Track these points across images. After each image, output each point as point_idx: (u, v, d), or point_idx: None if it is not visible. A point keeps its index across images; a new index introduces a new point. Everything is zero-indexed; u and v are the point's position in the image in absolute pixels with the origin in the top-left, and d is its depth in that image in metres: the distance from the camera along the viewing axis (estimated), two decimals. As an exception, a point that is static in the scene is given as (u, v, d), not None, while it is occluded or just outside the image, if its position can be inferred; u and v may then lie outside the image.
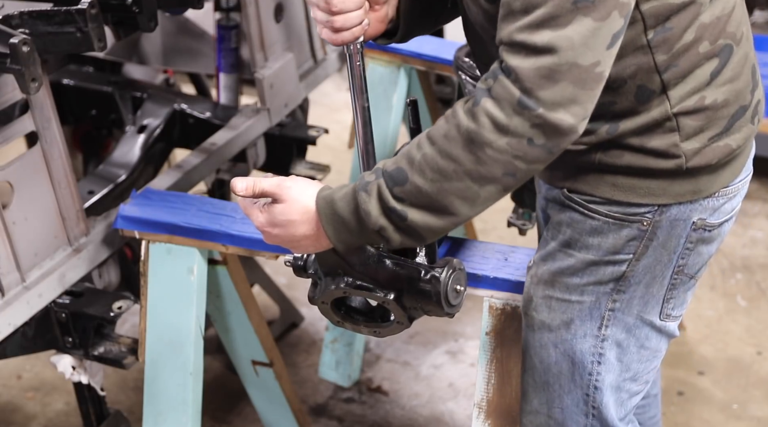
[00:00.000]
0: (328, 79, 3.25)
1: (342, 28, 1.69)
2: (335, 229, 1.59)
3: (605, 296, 1.73)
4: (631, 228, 1.67)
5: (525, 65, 1.43)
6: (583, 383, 1.79)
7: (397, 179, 1.53)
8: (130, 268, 2.59)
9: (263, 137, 2.77)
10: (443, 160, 1.50)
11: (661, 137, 1.61)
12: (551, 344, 1.79)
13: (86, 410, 2.41)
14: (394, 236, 1.56)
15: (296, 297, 3.43)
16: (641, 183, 1.65)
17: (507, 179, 1.50)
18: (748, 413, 3.03)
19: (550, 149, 1.47)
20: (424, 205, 1.53)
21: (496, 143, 1.46)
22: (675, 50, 1.57)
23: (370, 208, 1.55)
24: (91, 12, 1.93)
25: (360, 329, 1.78)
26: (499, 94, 1.45)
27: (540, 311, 1.78)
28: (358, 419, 3.03)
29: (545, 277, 1.76)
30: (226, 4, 2.73)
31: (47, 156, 2.13)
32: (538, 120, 1.44)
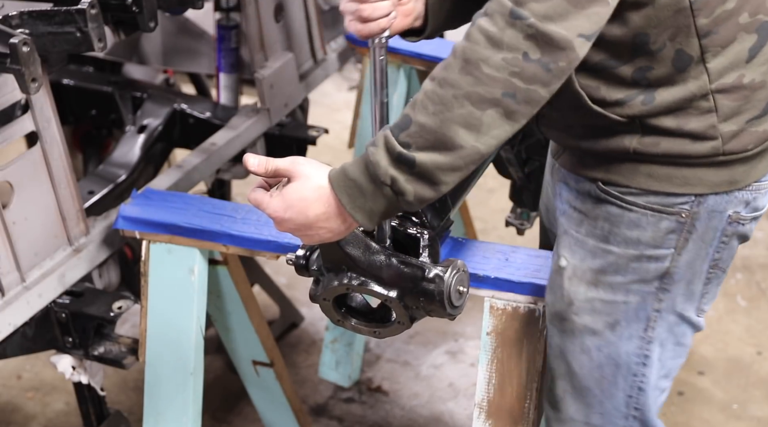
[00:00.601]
0: (328, 79, 3.25)
1: (369, 17, 1.68)
2: (349, 195, 1.55)
3: (651, 295, 1.72)
4: (670, 220, 1.66)
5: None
6: (626, 386, 1.77)
7: (402, 125, 1.51)
8: (130, 268, 2.59)
9: (263, 137, 2.77)
10: (442, 89, 1.48)
11: (699, 119, 1.61)
12: (594, 347, 1.76)
13: (86, 410, 2.41)
14: (406, 186, 1.51)
15: (296, 297, 3.43)
16: (677, 172, 1.64)
17: (507, 101, 1.47)
18: (748, 413, 3.03)
19: (546, 66, 1.45)
20: (430, 145, 1.49)
21: (492, 59, 1.45)
22: (716, 15, 1.56)
23: (379, 158, 1.51)
24: (91, 12, 1.93)
25: (360, 329, 1.78)
26: (493, 8, 1.46)
27: (582, 314, 1.75)
28: (358, 419, 3.03)
29: (587, 277, 1.73)
30: (226, 4, 2.73)
31: (47, 156, 2.13)
32: (531, 30, 1.43)
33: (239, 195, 4.03)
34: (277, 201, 1.59)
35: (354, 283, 1.69)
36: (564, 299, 1.77)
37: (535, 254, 1.97)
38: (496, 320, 1.94)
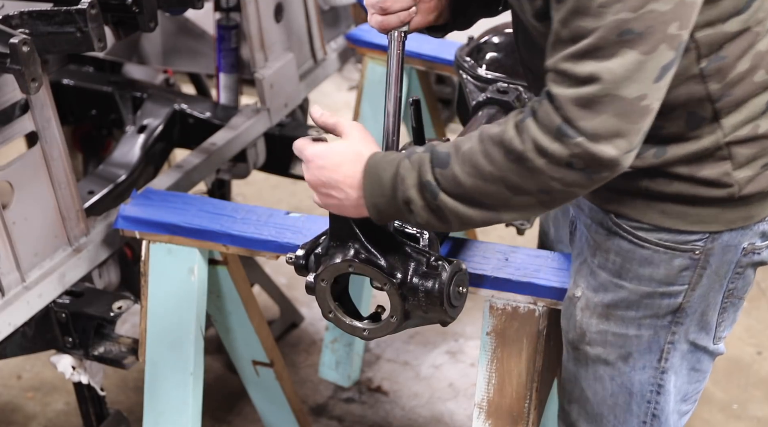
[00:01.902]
0: (328, 79, 3.25)
1: (390, 9, 1.70)
2: (372, 187, 1.58)
3: (663, 329, 1.70)
4: (683, 258, 1.64)
5: (566, 94, 1.41)
6: (641, 412, 1.77)
7: (441, 161, 1.52)
8: (130, 268, 2.58)
9: (263, 137, 2.77)
10: (483, 159, 1.48)
11: (712, 166, 1.58)
12: (607, 376, 1.75)
13: (86, 410, 2.41)
14: (420, 211, 1.54)
15: (296, 297, 3.43)
16: (691, 210, 1.61)
17: (541, 196, 1.48)
18: (748, 413, 3.03)
19: (589, 176, 1.44)
20: (456, 194, 1.51)
21: (535, 162, 1.44)
22: (729, 79, 1.54)
23: (407, 175, 1.54)
24: (91, 12, 1.93)
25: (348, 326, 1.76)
26: (542, 118, 1.44)
27: (594, 345, 1.74)
28: (358, 419, 3.03)
29: (599, 310, 1.72)
30: (226, 4, 2.73)
31: (47, 156, 2.13)
32: (578, 148, 1.41)
33: (239, 195, 4.03)
34: (320, 148, 1.63)
35: (359, 257, 1.68)
36: (577, 330, 1.76)
37: (535, 254, 1.97)
38: (495, 320, 1.94)
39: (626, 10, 1.37)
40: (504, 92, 2.19)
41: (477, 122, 2.18)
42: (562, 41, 1.43)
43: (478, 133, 1.52)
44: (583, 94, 1.40)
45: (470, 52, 2.38)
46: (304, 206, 3.96)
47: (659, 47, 1.38)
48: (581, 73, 1.40)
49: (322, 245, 1.76)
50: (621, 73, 1.38)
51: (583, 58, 1.40)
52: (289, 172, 2.85)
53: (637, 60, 1.38)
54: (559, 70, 1.43)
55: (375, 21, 1.73)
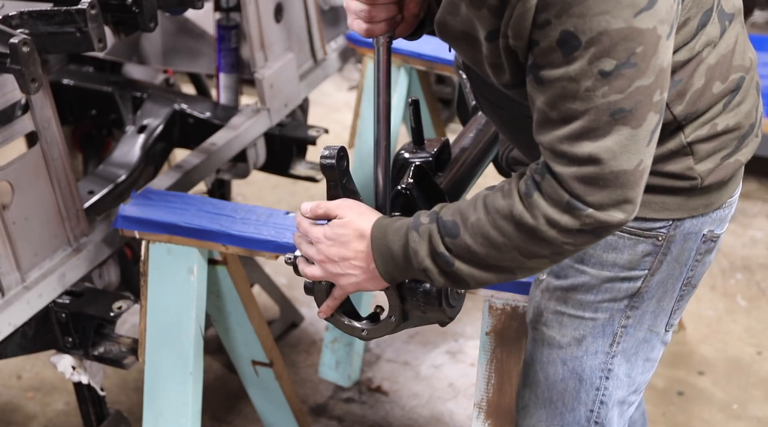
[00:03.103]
0: (328, 79, 3.25)
1: (376, 18, 1.69)
2: (383, 259, 1.61)
3: (619, 312, 1.73)
4: (647, 243, 1.67)
5: (569, 173, 1.44)
6: (588, 400, 1.79)
7: (450, 232, 1.55)
8: (130, 268, 2.59)
9: (263, 137, 2.77)
10: (494, 231, 1.51)
11: (676, 162, 1.62)
12: (559, 360, 1.78)
13: (86, 410, 2.41)
14: (438, 278, 1.58)
15: (296, 297, 3.43)
16: (656, 199, 1.64)
17: (555, 257, 1.52)
18: (748, 413, 3.03)
19: (599, 235, 1.49)
20: (471, 261, 1.54)
21: (548, 233, 1.47)
22: (689, 99, 1.58)
23: (419, 248, 1.57)
24: (91, 12, 1.93)
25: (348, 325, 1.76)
26: (549, 193, 1.46)
27: (550, 326, 1.77)
28: (358, 419, 3.03)
29: (557, 293, 1.75)
30: (226, 4, 2.73)
31: (47, 156, 2.13)
32: (589, 219, 1.45)
33: (239, 195, 4.04)
34: (322, 230, 1.65)
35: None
36: (535, 310, 1.79)
37: (534, 254, 1.97)
38: (495, 319, 1.94)
39: (614, 92, 1.40)
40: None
41: (477, 122, 2.18)
42: (552, 121, 1.45)
43: (482, 204, 1.53)
44: (586, 174, 1.43)
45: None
46: (304, 206, 3.95)
47: (647, 116, 1.43)
48: (580, 154, 1.43)
49: None
50: (618, 149, 1.42)
51: (578, 140, 1.43)
52: (289, 172, 2.85)
53: (630, 134, 1.42)
54: (556, 151, 1.45)
55: (359, 27, 1.71)
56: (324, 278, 1.68)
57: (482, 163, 2.13)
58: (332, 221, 1.65)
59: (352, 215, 1.64)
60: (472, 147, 2.09)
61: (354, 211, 1.65)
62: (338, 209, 1.65)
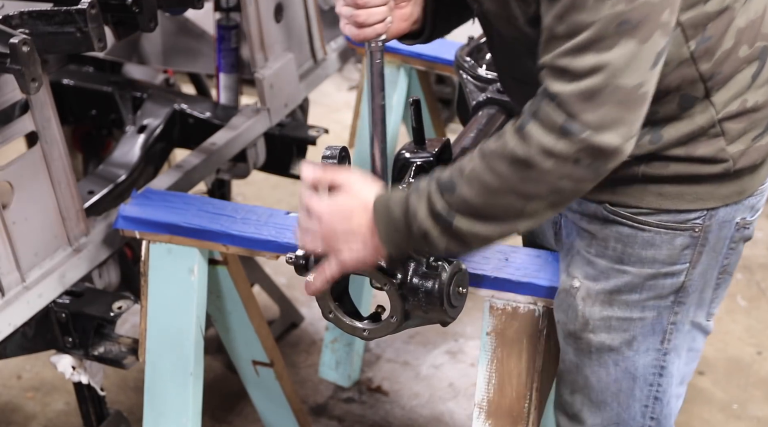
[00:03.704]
0: (328, 79, 3.25)
1: (365, 23, 1.69)
2: (386, 228, 1.60)
3: (666, 309, 1.72)
4: (684, 236, 1.67)
5: (568, 90, 1.43)
6: (643, 397, 1.78)
7: (447, 187, 1.54)
8: (130, 268, 2.58)
9: (263, 137, 2.77)
10: (489, 175, 1.50)
11: (707, 144, 1.61)
12: (611, 362, 1.77)
13: (86, 410, 2.41)
14: (439, 240, 1.56)
15: (296, 297, 3.43)
16: (688, 189, 1.64)
17: (552, 197, 1.50)
18: (748, 413, 3.03)
19: (596, 169, 1.47)
20: (470, 214, 1.53)
21: (542, 165, 1.46)
22: (717, 58, 1.58)
23: (418, 209, 1.56)
24: (91, 12, 1.93)
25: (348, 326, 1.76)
26: (544, 118, 1.46)
27: (598, 332, 1.76)
28: (358, 419, 3.03)
29: (601, 297, 1.73)
30: (226, 4, 2.73)
31: (47, 156, 2.12)
32: (583, 144, 1.44)
33: (239, 195, 4.03)
34: (328, 203, 1.64)
35: None
36: (578, 320, 1.77)
37: (535, 254, 1.97)
38: (495, 320, 1.94)
39: (622, 2, 1.40)
40: (504, 92, 2.19)
41: (477, 122, 2.18)
42: (557, 37, 1.44)
43: (478, 151, 1.53)
44: (586, 87, 1.42)
45: (470, 52, 2.39)
46: (304, 206, 3.95)
47: (654, 35, 1.42)
48: (583, 66, 1.42)
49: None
50: (621, 63, 1.41)
51: (582, 52, 1.42)
52: (289, 172, 2.85)
53: (635, 49, 1.42)
54: (557, 66, 1.44)
55: (350, 31, 1.71)
56: (322, 251, 1.66)
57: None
58: (336, 194, 1.64)
59: (356, 185, 1.63)
60: (472, 147, 2.09)
61: (357, 181, 1.64)
62: (343, 180, 1.64)
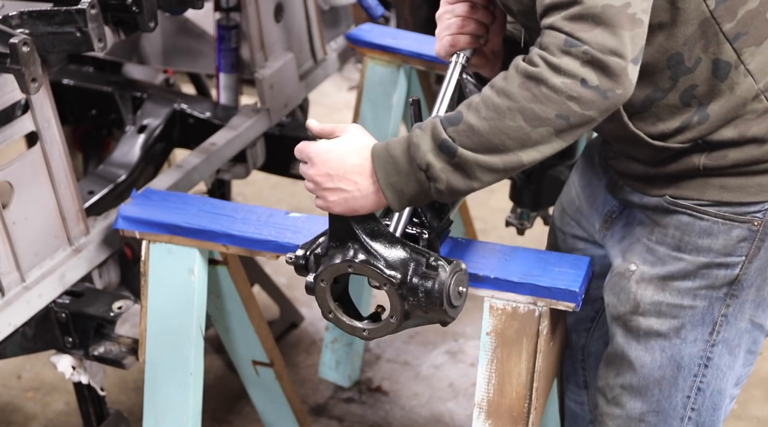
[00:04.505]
0: (328, 79, 3.25)
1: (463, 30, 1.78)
2: (385, 169, 1.59)
3: (718, 300, 1.73)
4: (742, 228, 1.68)
5: (561, 16, 1.48)
6: (686, 386, 1.79)
7: (453, 120, 1.55)
8: (130, 268, 2.58)
9: (263, 137, 2.77)
10: (499, 98, 1.51)
11: (758, 122, 1.63)
12: (658, 347, 1.78)
13: (86, 410, 2.41)
14: (441, 174, 1.55)
15: (296, 297, 3.43)
16: (751, 181, 1.65)
17: (560, 122, 1.50)
18: (748, 413, 3.03)
19: (604, 93, 1.48)
20: (475, 143, 1.53)
21: (551, 81, 1.48)
22: (739, 18, 1.59)
23: (421, 141, 1.56)
24: (91, 12, 1.93)
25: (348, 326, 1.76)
26: (547, 42, 1.50)
27: (648, 316, 1.77)
28: (358, 419, 3.03)
29: (655, 282, 1.75)
30: (226, 4, 2.73)
31: (47, 156, 2.13)
32: (586, 56, 1.47)
33: (239, 195, 4.04)
34: (322, 143, 1.64)
35: (359, 258, 1.68)
36: (630, 302, 1.78)
37: (535, 254, 1.97)
38: (495, 320, 1.94)
39: None
40: None
41: (477, 122, 2.18)
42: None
43: (487, 86, 1.55)
44: (576, 12, 1.47)
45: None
46: (304, 206, 3.96)
47: None
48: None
49: (321, 245, 1.76)
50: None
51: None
52: (289, 172, 2.86)
53: None
54: (548, 5, 1.51)
55: (446, 42, 1.79)
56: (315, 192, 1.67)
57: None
58: (335, 136, 1.66)
59: (357, 131, 1.65)
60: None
61: (360, 129, 1.65)
62: (346, 127, 1.66)
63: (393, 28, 4.38)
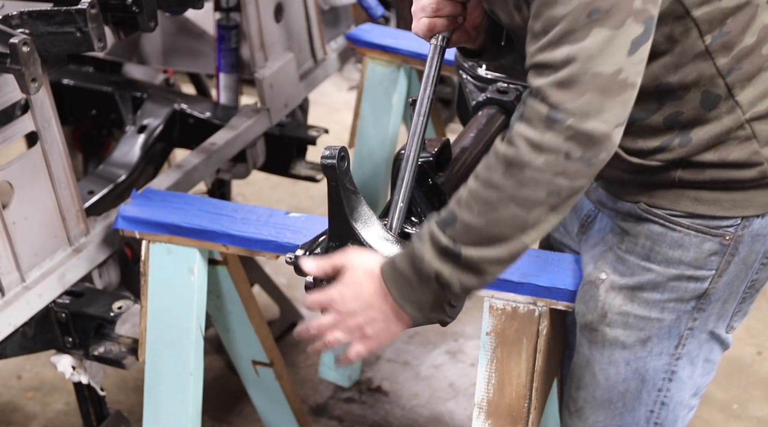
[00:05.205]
0: (328, 79, 3.25)
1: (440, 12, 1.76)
2: (398, 287, 1.58)
3: (686, 314, 1.72)
4: (714, 242, 1.66)
5: (548, 81, 1.44)
6: (650, 400, 1.78)
7: (447, 220, 1.53)
8: (130, 268, 2.58)
9: (263, 137, 2.77)
10: (486, 190, 1.49)
11: (739, 148, 1.61)
12: (622, 360, 1.76)
13: (86, 410, 2.41)
14: (452, 278, 1.54)
15: (296, 297, 3.43)
16: (725, 196, 1.63)
17: (552, 199, 1.48)
18: (748, 413, 3.03)
19: (588, 161, 1.46)
20: (476, 241, 1.51)
21: (534, 163, 1.45)
22: (735, 53, 1.57)
23: (424, 252, 1.54)
24: (91, 12, 1.93)
25: None
26: (529, 114, 1.46)
27: (614, 326, 1.75)
28: (358, 419, 3.03)
29: (624, 292, 1.73)
30: (226, 4, 2.73)
31: (47, 156, 2.13)
32: (570, 131, 1.43)
33: (239, 195, 4.04)
34: (333, 289, 1.62)
35: None
36: (598, 311, 1.77)
37: (534, 254, 1.97)
38: (495, 320, 1.94)
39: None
40: (504, 92, 2.19)
41: (477, 122, 2.18)
42: (535, 35, 1.47)
43: (471, 176, 1.53)
44: (563, 77, 1.43)
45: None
46: (304, 206, 3.96)
47: (626, 21, 1.42)
48: (558, 58, 1.43)
49: (321, 245, 1.76)
50: (595, 50, 1.42)
51: (557, 44, 1.44)
52: (289, 172, 2.85)
53: (607, 36, 1.42)
54: (537, 62, 1.46)
55: (422, 24, 1.76)
56: (350, 338, 1.64)
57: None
58: (342, 275, 1.62)
59: (358, 260, 1.62)
60: (472, 147, 2.09)
61: (359, 255, 1.62)
62: (343, 258, 1.63)
63: (393, 28, 4.39)
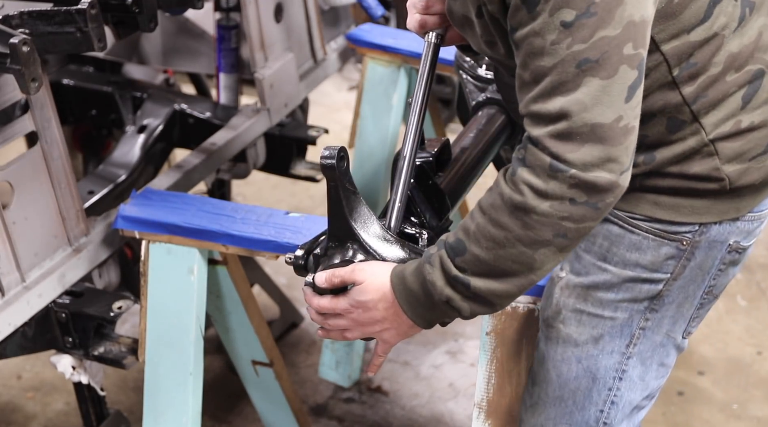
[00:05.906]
0: (328, 79, 3.25)
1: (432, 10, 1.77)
2: (409, 303, 1.60)
3: (638, 313, 1.72)
4: (671, 246, 1.66)
5: (545, 132, 1.44)
6: (600, 400, 1.78)
7: (457, 250, 1.54)
8: (130, 268, 2.58)
9: (263, 137, 2.77)
10: (494, 229, 1.50)
11: (701, 163, 1.60)
12: (574, 358, 1.77)
13: (86, 410, 2.41)
14: (462, 304, 1.56)
15: (296, 297, 3.43)
16: (684, 202, 1.63)
17: (559, 241, 1.48)
18: (748, 413, 3.03)
19: (594, 206, 1.46)
20: (485, 273, 1.53)
21: (539, 208, 1.45)
22: (701, 82, 1.56)
23: (435, 278, 1.56)
24: (91, 12, 1.93)
25: None
26: (532, 162, 1.46)
27: (568, 324, 1.76)
28: (358, 419, 3.03)
29: (578, 290, 1.74)
30: (226, 4, 2.73)
31: (47, 156, 2.13)
32: (573, 180, 1.43)
33: (239, 195, 4.03)
34: (344, 301, 1.65)
35: (358, 258, 1.68)
36: (553, 307, 1.78)
37: (534, 254, 1.97)
38: (495, 320, 1.94)
39: (578, 42, 1.40)
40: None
41: (477, 122, 2.18)
42: (526, 84, 1.46)
43: (477, 208, 1.54)
44: (561, 129, 1.43)
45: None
46: (304, 206, 3.96)
47: (619, 69, 1.41)
48: (552, 110, 1.43)
49: (321, 245, 1.76)
50: (589, 101, 1.41)
51: (550, 96, 1.43)
52: (289, 172, 2.85)
53: (601, 85, 1.41)
54: (531, 112, 1.46)
55: (414, 20, 1.76)
56: (363, 337, 1.69)
57: (482, 163, 2.13)
58: (352, 289, 1.64)
59: (367, 276, 1.63)
60: (472, 147, 2.09)
61: (368, 272, 1.64)
62: (353, 274, 1.64)
63: (393, 28, 4.39)
